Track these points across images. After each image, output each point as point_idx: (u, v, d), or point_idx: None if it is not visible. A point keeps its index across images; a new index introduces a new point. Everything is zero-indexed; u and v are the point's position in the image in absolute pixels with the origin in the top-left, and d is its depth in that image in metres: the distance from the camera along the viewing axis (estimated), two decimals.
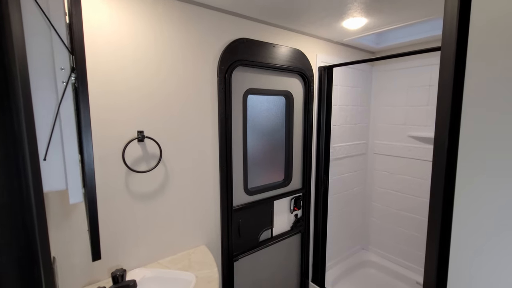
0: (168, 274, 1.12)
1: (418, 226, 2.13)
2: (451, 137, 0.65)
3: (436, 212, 0.68)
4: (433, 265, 0.67)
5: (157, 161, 1.17)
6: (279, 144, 1.74)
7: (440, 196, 0.67)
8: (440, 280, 0.67)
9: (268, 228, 1.70)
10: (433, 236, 0.68)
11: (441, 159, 0.65)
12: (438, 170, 0.66)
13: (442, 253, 0.66)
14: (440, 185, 0.66)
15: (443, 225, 0.67)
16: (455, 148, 0.63)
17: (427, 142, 2.01)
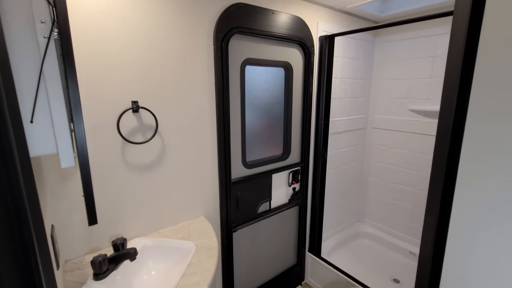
0: (168, 243, 1.15)
1: (413, 199, 2.18)
2: (458, 108, 0.62)
3: (437, 184, 0.66)
4: (431, 236, 0.67)
5: (153, 132, 1.14)
6: (277, 117, 1.71)
7: (443, 169, 0.65)
8: (437, 252, 0.67)
9: (267, 201, 1.72)
10: (433, 207, 0.67)
11: (445, 133, 0.62)
12: (442, 142, 0.63)
13: (440, 223, 0.66)
14: (443, 156, 0.64)
15: (443, 196, 0.66)
16: (461, 121, 0.60)
17: (428, 116, 1.99)
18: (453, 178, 0.63)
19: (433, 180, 0.67)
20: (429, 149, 2.02)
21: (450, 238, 0.64)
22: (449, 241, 0.64)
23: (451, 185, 0.63)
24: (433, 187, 0.67)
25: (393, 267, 2.12)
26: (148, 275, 1.05)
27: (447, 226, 0.64)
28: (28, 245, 0.34)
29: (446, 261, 0.65)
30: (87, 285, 0.88)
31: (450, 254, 0.63)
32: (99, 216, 1.06)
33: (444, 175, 0.64)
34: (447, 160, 0.63)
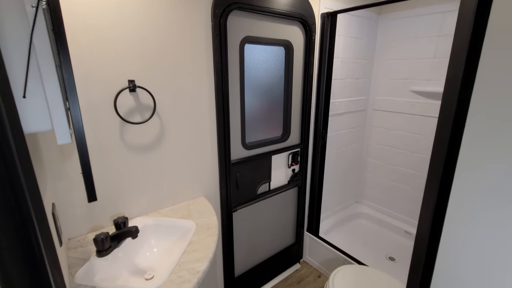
0: (169, 222, 1.17)
1: (411, 181, 2.20)
2: (463, 88, 0.60)
3: (438, 165, 0.65)
4: (429, 213, 0.67)
5: (151, 112, 1.13)
6: (277, 98, 1.69)
7: (444, 149, 0.64)
8: (434, 232, 0.67)
9: (266, 182, 1.74)
10: (432, 186, 0.67)
11: (448, 112, 0.61)
12: (445, 122, 0.62)
13: (439, 204, 0.66)
14: (445, 137, 0.63)
15: (443, 177, 0.65)
16: (465, 101, 0.59)
17: (430, 97, 1.96)
18: (454, 160, 0.62)
19: (434, 160, 0.67)
20: (429, 131, 2.01)
21: (448, 219, 0.64)
22: (447, 221, 0.64)
23: (451, 166, 0.63)
24: (433, 167, 0.67)
25: (389, 246, 2.18)
26: (150, 252, 1.08)
27: (446, 207, 0.65)
28: (27, 222, 0.34)
29: (442, 242, 0.65)
30: (90, 261, 0.90)
31: (447, 236, 0.64)
32: (99, 195, 1.06)
33: (445, 156, 0.64)
34: (449, 141, 0.62)
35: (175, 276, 0.85)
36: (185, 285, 0.81)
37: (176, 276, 0.85)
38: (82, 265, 0.88)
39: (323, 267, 2.02)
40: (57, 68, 0.47)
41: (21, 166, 0.35)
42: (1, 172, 0.33)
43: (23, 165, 0.35)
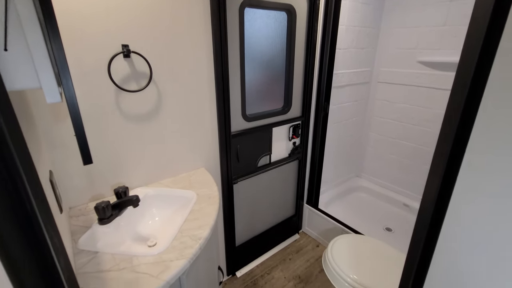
0: (170, 192, 1.17)
1: (411, 153, 2.19)
2: (481, 59, 0.53)
3: (449, 135, 0.60)
4: (434, 190, 0.64)
5: (147, 80, 1.08)
6: (279, 68, 1.62)
7: (457, 118, 0.58)
8: (438, 209, 0.65)
9: (267, 154, 1.73)
10: (439, 162, 0.62)
11: (463, 84, 0.55)
12: (459, 93, 0.56)
13: (445, 181, 0.62)
14: (457, 111, 0.57)
15: (452, 153, 0.60)
16: (483, 75, 0.52)
17: (437, 68, 1.89)
18: (466, 136, 0.57)
19: (443, 135, 0.61)
20: (433, 103, 1.97)
21: (454, 196, 0.61)
22: (453, 199, 0.61)
23: (463, 143, 0.58)
24: (442, 142, 0.62)
25: (387, 218, 2.22)
26: (152, 220, 1.09)
27: (453, 184, 0.61)
28: (19, 188, 0.32)
29: (446, 220, 0.62)
30: (92, 228, 0.90)
31: (452, 213, 0.61)
32: (98, 163, 1.05)
33: (456, 130, 0.58)
34: (461, 114, 0.57)
35: (177, 242, 0.86)
36: (188, 251, 0.82)
37: (178, 242, 0.86)
38: (84, 232, 0.88)
39: (321, 237, 2.08)
40: (39, 15, 0.43)
41: (7, 128, 0.32)
42: None
43: (10, 127, 0.32)
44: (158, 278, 0.73)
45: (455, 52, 1.77)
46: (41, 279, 0.35)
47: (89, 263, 0.77)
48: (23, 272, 0.33)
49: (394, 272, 1.22)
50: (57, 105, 0.91)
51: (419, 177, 2.18)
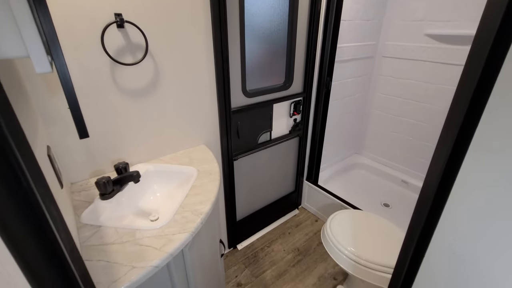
0: (170, 168, 1.17)
1: (413, 131, 2.17)
2: (502, 29, 0.47)
3: (461, 105, 0.55)
4: (440, 167, 0.61)
5: (143, 52, 1.03)
6: (280, 41, 1.55)
7: (468, 98, 0.53)
8: (443, 186, 0.62)
9: (267, 131, 1.71)
10: (448, 136, 0.59)
11: (480, 55, 0.50)
12: (475, 61, 0.51)
13: (452, 157, 0.59)
14: (471, 85, 0.52)
15: (462, 130, 0.56)
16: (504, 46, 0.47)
17: (445, 41, 1.81)
18: (479, 112, 0.53)
19: (454, 108, 0.57)
20: (438, 79, 1.91)
21: (462, 172, 0.58)
22: (460, 174, 0.58)
23: (475, 120, 0.54)
24: (453, 115, 0.57)
25: (385, 194, 2.26)
26: (153, 196, 1.10)
27: (461, 160, 0.58)
28: (11, 161, 0.31)
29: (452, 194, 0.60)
30: (94, 203, 0.91)
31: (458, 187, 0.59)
32: (97, 140, 1.04)
33: (469, 104, 0.54)
34: (475, 88, 0.53)
35: (179, 216, 0.87)
36: (189, 225, 0.84)
37: (180, 217, 0.87)
38: (87, 207, 0.89)
39: (320, 212, 2.12)
40: None
41: None
42: None
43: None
44: (161, 251, 0.74)
45: (466, 25, 1.69)
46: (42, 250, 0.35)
47: (92, 237, 0.79)
48: (23, 245, 0.33)
49: (391, 246, 1.26)
50: (51, 79, 0.88)
51: (419, 154, 2.19)
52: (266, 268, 1.72)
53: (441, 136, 0.60)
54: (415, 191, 2.19)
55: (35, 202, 0.32)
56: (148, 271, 0.69)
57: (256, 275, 1.67)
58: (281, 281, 1.63)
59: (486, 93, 0.51)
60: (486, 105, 0.52)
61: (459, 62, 1.75)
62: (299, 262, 1.76)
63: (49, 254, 0.35)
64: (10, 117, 0.32)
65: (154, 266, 0.70)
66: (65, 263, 0.37)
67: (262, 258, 1.79)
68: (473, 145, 0.55)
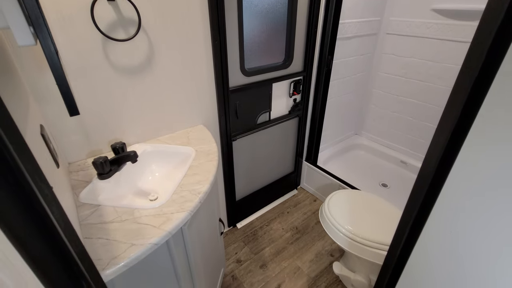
0: (168, 148, 1.16)
1: (414, 111, 2.15)
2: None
3: (466, 83, 0.53)
4: (440, 147, 0.60)
5: (136, 28, 0.99)
6: (280, 17, 1.49)
7: (475, 72, 0.51)
8: (442, 167, 0.62)
9: (266, 111, 1.69)
10: (450, 115, 0.57)
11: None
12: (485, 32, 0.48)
13: (454, 137, 0.58)
14: (480, 58, 0.50)
15: (465, 107, 0.54)
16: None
17: (452, 17, 1.74)
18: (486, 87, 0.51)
19: (458, 85, 0.55)
20: (442, 57, 1.86)
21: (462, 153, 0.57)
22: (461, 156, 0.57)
23: (480, 97, 0.52)
24: (458, 88, 0.55)
25: (383, 174, 2.27)
26: (152, 176, 1.10)
27: (462, 142, 0.56)
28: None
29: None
30: (93, 183, 0.91)
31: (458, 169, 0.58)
32: (93, 119, 1.02)
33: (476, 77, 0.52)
34: (483, 62, 0.50)
35: (177, 196, 0.88)
36: (188, 204, 0.84)
37: (179, 196, 0.87)
38: (85, 187, 0.89)
39: (319, 192, 2.15)
40: None
41: None
42: None
43: None
44: (160, 229, 0.75)
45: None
46: (35, 229, 0.35)
47: (91, 215, 0.79)
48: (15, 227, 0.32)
49: (387, 224, 1.28)
50: (41, 56, 0.85)
51: (419, 135, 2.17)
52: (265, 245, 1.77)
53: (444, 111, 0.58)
54: (413, 171, 2.20)
55: (22, 178, 0.31)
56: (147, 248, 0.70)
57: (255, 252, 1.72)
58: (280, 258, 1.68)
59: (495, 68, 0.49)
60: (494, 80, 0.49)
61: (466, 39, 1.68)
62: (297, 240, 1.81)
63: (40, 230, 0.34)
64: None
65: (153, 243, 0.72)
66: (58, 238, 0.37)
67: (261, 236, 1.83)
68: (477, 121, 0.54)
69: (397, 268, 0.84)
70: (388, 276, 0.88)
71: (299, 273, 1.60)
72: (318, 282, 1.55)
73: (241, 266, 1.63)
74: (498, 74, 0.49)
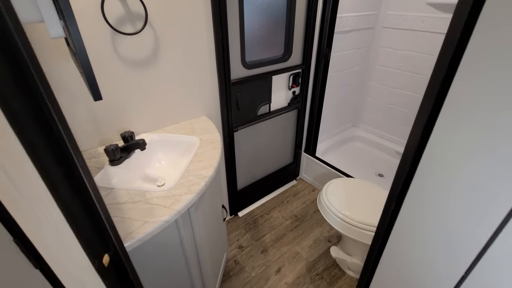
0: (174, 138, 1.22)
1: (409, 102, 2.21)
2: None
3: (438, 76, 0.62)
4: (418, 133, 0.68)
5: (143, 22, 1.04)
6: (279, 11, 1.53)
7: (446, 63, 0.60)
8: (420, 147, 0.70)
9: (266, 103, 1.74)
10: (428, 101, 0.66)
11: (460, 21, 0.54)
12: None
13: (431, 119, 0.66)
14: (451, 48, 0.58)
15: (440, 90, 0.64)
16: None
17: (447, 10, 1.78)
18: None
19: (436, 71, 0.64)
20: (438, 50, 1.91)
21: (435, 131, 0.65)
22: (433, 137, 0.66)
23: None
24: (434, 79, 0.65)
25: (380, 164, 2.34)
26: (159, 163, 1.16)
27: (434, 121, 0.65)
28: (47, 116, 0.35)
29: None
30: (105, 169, 0.97)
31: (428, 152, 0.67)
32: (103, 110, 1.08)
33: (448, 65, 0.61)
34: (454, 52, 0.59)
35: (184, 180, 0.94)
36: (195, 187, 0.91)
37: (186, 180, 0.94)
38: (98, 172, 0.96)
39: (317, 182, 2.22)
40: None
41: (27, 55, 0.33)
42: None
43: (29, 54, 0.34)
44: (170, 208, 0.82)
45: None
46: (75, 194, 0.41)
47: (106, 197, 0.86)
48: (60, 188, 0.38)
49: (381, 208, 1.35)
50: (57, 47, 0.90)
51: None
52: (265, 232, 1.84)
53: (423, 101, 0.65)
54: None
55: (68, 152, 0.37)
56: (160, 225, 0.77)
57: (256, 238, 1.80)
58: (280, 244, 1.76)
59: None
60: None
61: None
62: (297, 227, 1.88)
63: (79, 196, 0.41)
64: (45, 83, 0.36)
65: (164, 221, 0.78)
66: (92, 203, 0.44)
67: (261, 224, 1.91)
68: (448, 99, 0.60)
69: (383, 245, 0.92)
70: (375, 252, 0.96)
71: (298, 257, 1.68)
72: (316, 265, 1.63)
73: (243, 252, 1.71)
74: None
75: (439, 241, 0.72)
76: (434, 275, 0.77)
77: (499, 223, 0.58)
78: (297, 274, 1.58)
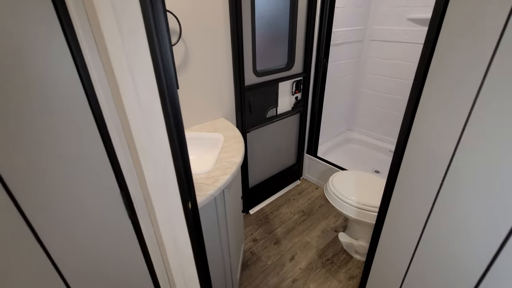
0: (201, 135, 1.39)
1: (399, 105, 2.46)
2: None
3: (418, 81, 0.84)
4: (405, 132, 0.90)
5: (177, 37, 1.24)
6: (283, 26, 1.77)
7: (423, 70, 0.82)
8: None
9: (274, 107, 1.95)
10: (411, 103, 0.87)
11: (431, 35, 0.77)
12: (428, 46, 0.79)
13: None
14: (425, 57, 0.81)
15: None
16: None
17: (425, 24, 2.08)
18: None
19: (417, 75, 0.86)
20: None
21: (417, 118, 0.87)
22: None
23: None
24: (416, 83, 0.86)
25: (375, 162, 2.55)
26: (192, 156, 1.32)
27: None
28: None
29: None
30: None
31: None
32: None
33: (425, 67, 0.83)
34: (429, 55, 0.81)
35: (219, 165, 1.11)
36: (228, 170, 1.07)
37: (220, 165, 1.11)
38: None
39: (320, 181, 2.40)
40: None
41: None
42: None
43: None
44: (212, 186, 0.98)
45: None
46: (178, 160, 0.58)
47: None
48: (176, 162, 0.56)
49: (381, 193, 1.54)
50: None
51: None
52: (276, 226, 1.99)
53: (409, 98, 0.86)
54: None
55: None
56: (206, 198, 0.93)
57: (269, 232, 1.94)
58: (290, 235, 1.91)
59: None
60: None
61: None
62: (305, 221, 2.04)
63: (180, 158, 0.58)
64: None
65: (210, 194, 0.94)
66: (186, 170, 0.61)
67: (272, 219, 2.06)
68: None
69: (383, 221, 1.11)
70: (381, 225, 1.14)
71: (309, 246, 1.82)
72: (326, 252, 1.77)
73: (257, 244, 1.85)
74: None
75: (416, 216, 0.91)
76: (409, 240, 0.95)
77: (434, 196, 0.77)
78: (309, 260, 1.72)
